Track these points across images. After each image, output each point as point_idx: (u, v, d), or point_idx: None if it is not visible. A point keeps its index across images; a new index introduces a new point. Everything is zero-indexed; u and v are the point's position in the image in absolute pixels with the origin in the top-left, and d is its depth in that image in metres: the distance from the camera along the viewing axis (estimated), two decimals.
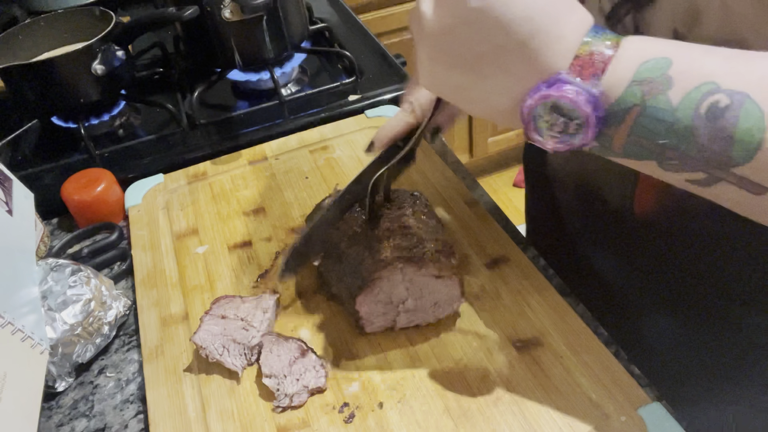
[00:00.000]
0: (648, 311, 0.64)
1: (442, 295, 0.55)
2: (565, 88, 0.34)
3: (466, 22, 0.34)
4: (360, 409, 0.51)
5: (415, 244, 0.53)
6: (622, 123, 0.35)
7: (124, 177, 0.79)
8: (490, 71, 0.36)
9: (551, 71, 0.35)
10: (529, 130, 0.37)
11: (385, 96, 0.91)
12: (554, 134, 0.36)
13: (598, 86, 0.34)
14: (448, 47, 0.36)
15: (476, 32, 0.34)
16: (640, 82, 0.34)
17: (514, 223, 0.68)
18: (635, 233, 0.59)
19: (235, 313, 0.57)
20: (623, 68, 0.34)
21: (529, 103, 0.36)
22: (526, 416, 0.49)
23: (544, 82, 0.35)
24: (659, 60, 0.34)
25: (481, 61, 0.36)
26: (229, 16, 0.80)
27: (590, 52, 0.34)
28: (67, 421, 0.55)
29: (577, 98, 0.34)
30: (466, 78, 0.37)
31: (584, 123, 0.35)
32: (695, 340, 0.61)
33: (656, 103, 0.33)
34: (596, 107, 0.34)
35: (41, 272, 0.60)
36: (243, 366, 0.55)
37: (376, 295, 0.54)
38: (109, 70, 0.84)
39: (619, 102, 0.34)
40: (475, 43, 0.35)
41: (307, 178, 0.77)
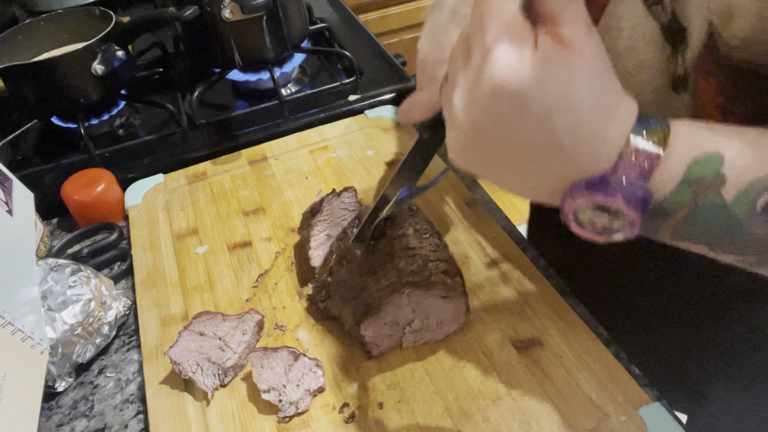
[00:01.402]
0: (652, 310, 0.64)
1: (448, 313, 0.54)
2: (611, 191, 0.32)
3: (503, 127, 0.32)
4: (360, 409, 0.51)
5: (420, 267, 0.52)
6: (669, 218, 0.33)
7: (124, 177, 0.79)
8: (528, 167, 0.34)
9: (595, 170, 0.32)
10: (570, 222, 0.35)
11: (385, 96, 0.90)
12: (597, 229, 0.35)
13: (645, 187, 0.32)
14: (480, 144, 0.34)
15: (513, 137, 0.32)
16: (690, 181, 0.32)
17: (514, 223, 0.68)
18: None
19: (213, 331, 0.56)
20: (672, 167, 0.32)
21: (570, 204, 0.34)
22: (526, 416, 0.49)
23: (587, 180, 0.33)
24: (711, 156, 0.32)
25: (518, 158, 0.33)
26: (229, 16, 0.80)
27: (636, 152, 0.32)
28: (67, 421, 0.55)
29: (623, 202, 0.32)
30: (500, 170, 0.35)
31: (629, 224, 0.33)
32: (699, 338, 0.61)
33: (708, 201, 0.32)
34: (644, 209, 0.33)
35: (41, 272, 0.60)
36: (214, 386, 0.54)
37: (381, 319, 0.53)
38: (109, 70, 0.84)
39: (668, 201, 0.33)
40: (512, 144, 0.33)
41: (307, 178, 0.77)
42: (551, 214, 0.73)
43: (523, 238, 0.66)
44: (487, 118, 0.32)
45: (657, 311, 0.64)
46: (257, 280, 0.64)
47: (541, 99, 0.30)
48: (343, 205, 0.64)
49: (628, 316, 0.67)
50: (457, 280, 0.53)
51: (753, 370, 0.60)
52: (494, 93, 0.30)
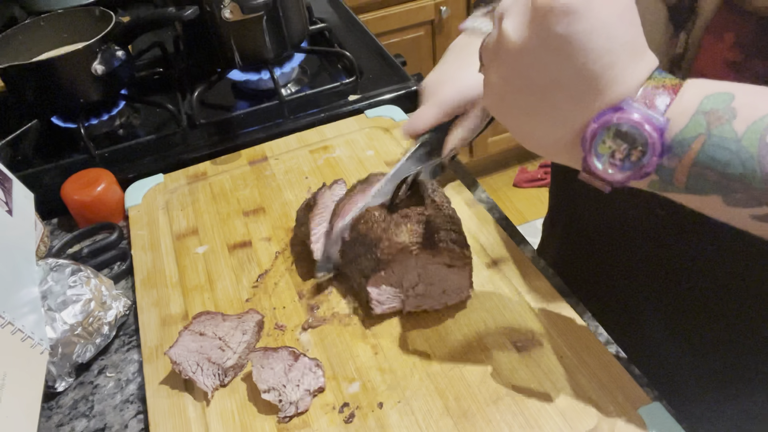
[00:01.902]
0: (654, 311, 0.64)
1: (452, 283, 0.56)
2: (632, 111, 0.35)
3: (549, 46, 0.34)
4: (360, 409, 0.51)
5: (432, 232, 0.55)
6: (686, 153, 0.35)
7: (124, 177, 0.79)
8: (560, 99, 0.36)
9: (620, 99, 0.35)
10: (589, 156, 0.37)
11: (385, 96, 0.91)
12: (615, 161, 0.36)
13: (663, 114, 0.35)
14: (525, 69, 0.36)
15: (557, 58, 0.35)
16: (705, 112, 0.34)
17: (514, 223, 0.68)
18: (652, 231, 0.59)
19: (213, 331, 0.56)
20: (688, 99, 0.35)
21: (594, 127, 0.36)
22: (526, 416, 0.49)
23: (611, 107, 0.35)
24: (722, 94, 0.34)
25: (555, 87, 0.36)
26: (229, 16, 0.80)
27: (655, 86, 0.35)
28: (67, 421, 0.55)
29: (642, 121, 0.34)
30: (534, 103, 0.37)
31: (648, 149, 0.35)
32: (700, 339, 0.61)
33: (721, 132, 0.34)
34: (662, 133, 0.35)
35: (41, 272, 0.60)
36: (214, 386, 0.54)
37: (387, 278, 0.55)
38: (109, 70, 0.84)
39: (684, 131, 0.35)
40: (553, 69, 0.35)
41: (307, 178, 0.77)
42: (566, 210, 0.73)
43: (523, 238, 0.66)
44: (538, 37, 0.34)
45: (663, 313, 0.64)
46: (257, 280, 0.64)
47: (588, 18, 0.33)
48: (335, 197, 0.66)
49: (629, 317, 0.67)
50: (465, 252, 0.55)
51: (758, 373, 0.60)
52: (548, 9, 0.33)
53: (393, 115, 0.86)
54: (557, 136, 0.38)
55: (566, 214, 0.76)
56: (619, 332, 0.58)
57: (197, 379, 0.53)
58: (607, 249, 0.68)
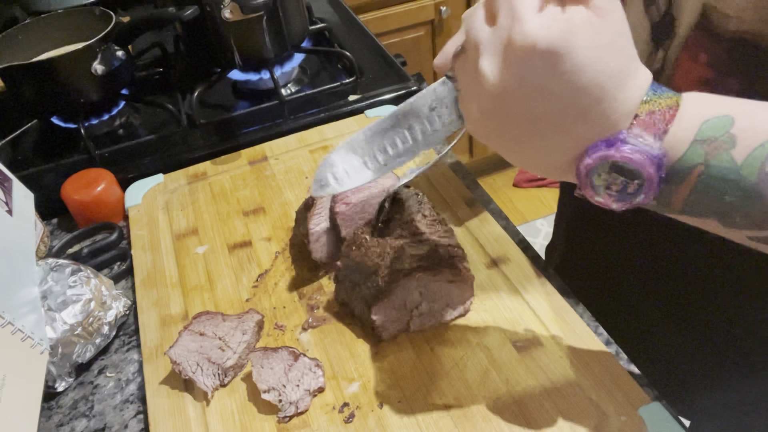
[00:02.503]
0: (658, 314, 0.64)
1: (454, 297, 0.56)
2: (627, 148, 0.33)
3: (532, 88, 0.33)
4: (360, 409, 0.51)
5: (429, 253, 0.54)
6: (683, 182, 0.34)
7: (124, 177, 0.79)
8: (548, 131, 0.35)
9: (612, 131, 0.34)
10: (585, 187, 0.36)
11: (385, 96, 0.90)
12: (612, 193, 0.35)
13: (659, 146, 0.33)
14: (505, 108, 0.34)
15: (540, 98, 0.33)
16: (702, 141, 0.33)
17: (514, 223, 0.68)
18: (653, 230, 0.59)
19: (213, 331, 0.56)
20: (685, 127, 0.33)
21: (588, 162, 0.34)
22: (526, 416, 0.49)
23: (604, 140, 0.34)
24: (721, 118, 0.33)
25: (540, 121, 0.34)
26: (229, 16, 0.80)
27: (651, 111, 0.33)
28: (67, 421, 0.55)
29: (639, 159, 0.33)
30: (520, 135, 0.35)
31: (645, 183, 0.34)
32: (703, 340, 0.61)
33: (720, 162, 0.32)
34: (659, 167, 0.33)
35: (41, 272, 0.60)
36: (214, 386, 0.54)
37: (391, 302, 0.54)
38: (109, 70, 0.84)
39: (682, 161, 0.33)
40: (538, 107, 0.33)
41: (307, 178, 0.77)
42: (586, 222, 0.73)
43: (523, 238, 0.66)
44: (516, 78, 0.32)
45: (661, 313, 0.64)
46: (257, 280, 0.64)
47: (571, 58, 0.31)
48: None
49: (630, 318, 0.67)
50: (464, 265, 0.55)
51: (761, 374, 0.60)
52: (527, 51, 0.31)
53: None
54: (549, 162, 0.37)
55: (571, 217, 0.76)
56: (621, 329, 0.58)
57: (197, 379, 0.53)
58: (609, 247, 0.68)
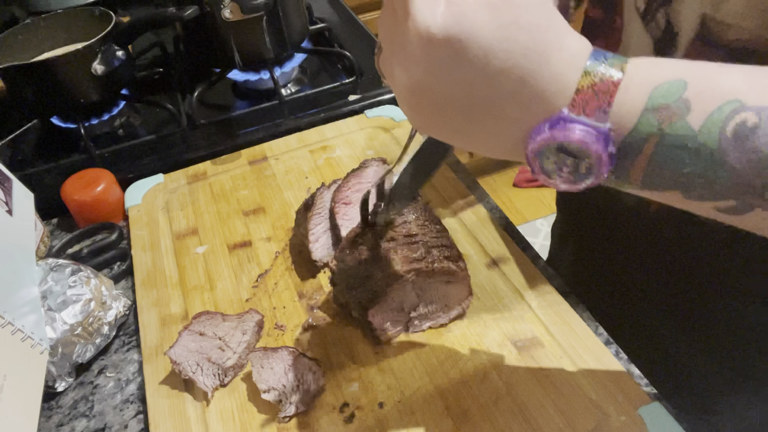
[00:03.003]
0: (663, 315, 0.64)
1: (452, 297, 0.56)
2: (570, 127, 0.31)
3: (445, 80, 0.30)
4: (360, 409, 0.51)
5: (423, 255, 0.54)
6: (638, 155, 0.31)
7: (124, 177, 0.79)
8: (483, 118, 0.32)
9: (552, 110, 0.31)
10: (537, 172, 0.34)
11: (385, 96, 0.90)
12: (564, 175, 0.33)
13: (606, 121, 0.31)
14: (428, 102, 0.32)
15: (458, 88, 0.31)
16: (654, 109, 0.30)
17: (514, 223, 0.68)
18: (650, 230, 0.59)
19: (213, 331, 0.56)
20: (633, 97, 0.30)
21: (532, 147, 0.32)
22: (526, 416, 0.49)
23: (546, 121, 0.31)
24: (673, 83, 0.30)
25: (469, 110, 0.32)
26: (229, 16, 0.80)
27: (592, 84, 0.31)
28: (67, 421, 0.55)
29: (584, 138, 0.30)
30: (456, 125, 0.33)
31: (596, 162, 0.31)
32: (706, 341, 0.61)
33: (675, 130, 0.30)
34: (607, 144, 0.31)
35: (41, 272, 0.60)
36: (214, 386, 0.54)
37: (388, 305, 0.54)
38: (109, 70, 0.84)
39: (633, 134, 0.31)
40: (460, 97, 0.31)
41: (307, 178, 0.77)
42: (582, 219, 0.73)
43: (523, 238, 0.66)
44: (426, 72, 0.31)
45: (662, 313, 0.64)
46: (257, 280, 0.64)
47: (474, 42, 0.29)
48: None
49: (630, 318, 0.67)
50: (459, 265, 0.55)
51: (763, 374, 0.60)
52: (425, 44, 0.29)
53: (393, 115, 0.86)
54: (497, 145, 0.34)
55: (572, 216, 0.76)
56: (625, 328, 0.58)
57: (197, 379, 0.53)
58: (610, 245, 0.68)
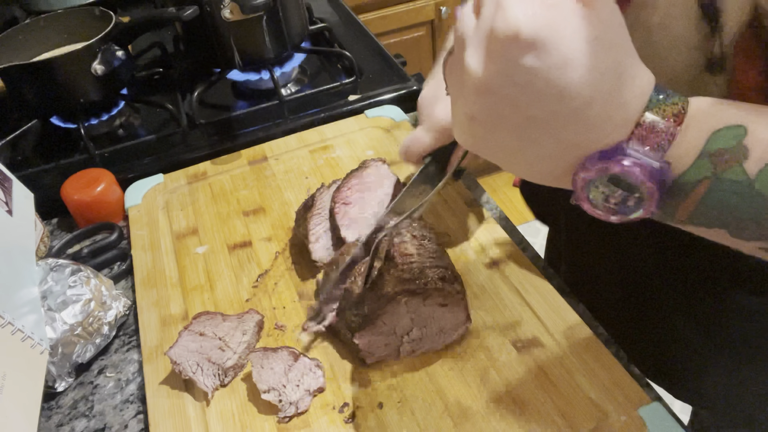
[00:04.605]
0: (671, 308, 0.64)
1: (447, 321, 0.54)
2: (627, 161, 0.30)
3: (517, 83, 0.30)
4: (360, 409, 0.51)
5: (418, 275, 0.51)
6: (689, 196, 0.31)
7: (124, 177, 0.79)
8: (539, 137, 0.32)
9: (610, 141, 0.31)
10: (581, 199, 0.33)
11: (385, 96, 0.90)
12: (610, 206, 0.32)
13: (663, 158, 0.30)
14: (492, 107, 0.31)
15: (527, 95, 0.30)
16: (711, 153, 0.30)
17: (514, 223, 0.68)
18: (654, 227, 0.59)
19: (213, 331, 0.56)
20: (691, 138, 0.30)
21: (585, 175, 0.31)
22: (526, 416, 0.49)
23: (601, 151, 0.31)
24: (732, 128, 0.30)
25: (530, 125, 0.31)
26: (229, 16, 0.80)
27: (653, 120, 0.30)
28: (67, 421, 0.55)
29: (640, 172, 0.30)
30: (510, 142, 0.33)
31: (647, 197, 0.31)
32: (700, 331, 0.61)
33: (730, 175, 0.30)
34: (661, 180, 0.30)
35: (41, 272, 0.60)
36: (214, 386, 0.54)
37: (378, 329, 0.52)
38: (109, 70, 0.84)
39: (686, 175, 0.31)
40: (524, 106, 0.30)
41: (307, 178, 0.77)
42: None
43: (523, 238, 0.66)
44: (499, 71, 0.30)
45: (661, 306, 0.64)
46: (257, 280, 0.64)
47: (558, 50, 0.28)
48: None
49: (628, 313, 0.67)
50: (455, 287, 0.52)
51: (756, 364, 0.60)
52: (510, 40, 0.28)
53: (393, 115, 0.86)
54: (544, 170, 0.34)
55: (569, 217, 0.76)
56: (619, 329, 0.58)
57: (197, 379, 0.53)
58: (611, 245, 0.68)
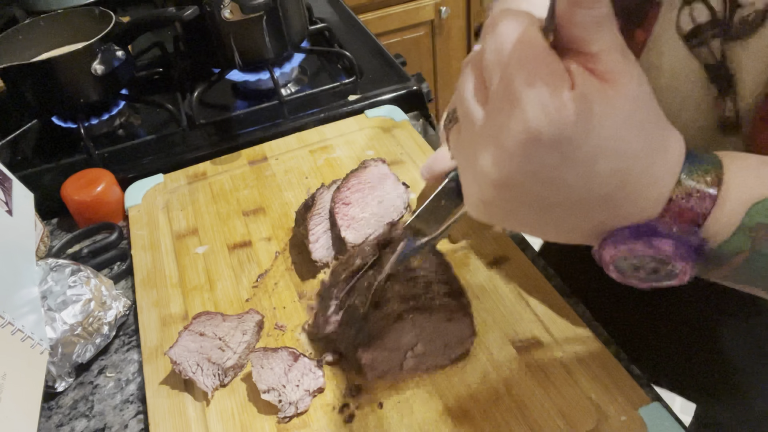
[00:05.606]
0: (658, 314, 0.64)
1: (452, 336, 0.52)
2: (659, 242, 0.28)
3: (541, 180, 0.27)
4: (360, 409, 0.51)
5: (423, 291, 0.50)
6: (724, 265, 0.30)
7: (124, 177, 0.79)
8: (564, 218, 0.29)
9: (641, 217, 0.29)
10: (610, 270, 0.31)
11: (385, 96, 0.90)
12: (641, 276, 0.31)
13: (698, 234, 0.28)
14: (511, 198, 0.29)
15: (552, 189, 0.27)
16: (750, 228, 0.28)
17: None
18: None
19: (213, 331, 0.56)
20: (729, 212, 0.28)
21: (613, 253, 0.30)
22: (526, 416, 0.49)
23: (631, 229, 0.29)
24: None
25: (554, 209, 0.29)
26: (229, 16, 0.80)
27: (687, 195, 0.28)
28: (67, 421, 0.55)
29: (672, 251, 0.28)
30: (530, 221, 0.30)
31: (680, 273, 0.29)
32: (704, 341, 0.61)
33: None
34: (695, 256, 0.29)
35: (41, 272, 0.60)
36: (214, 386, 0.54)
37: (382, 345, 0.51)
38: (109, 70, 0.84)
39: (722, 248, 0.29)
40: (548, 197, 0.28)
41: (307, 178, 0.77)
42: None
43: (523, 238, 0.66)
44: (523, 172, 0.27)
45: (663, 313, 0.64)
46: (257, 280, 0.64)
47: (586, 146, 0.26)
48: None
49: (630, 317, 0.67)
50: (461, 301, 0.51)
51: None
52: (532, 143, 0.26)
53: (393, 115, 0.86)
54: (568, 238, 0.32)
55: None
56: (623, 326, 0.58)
57: (197, 379, 0.53)
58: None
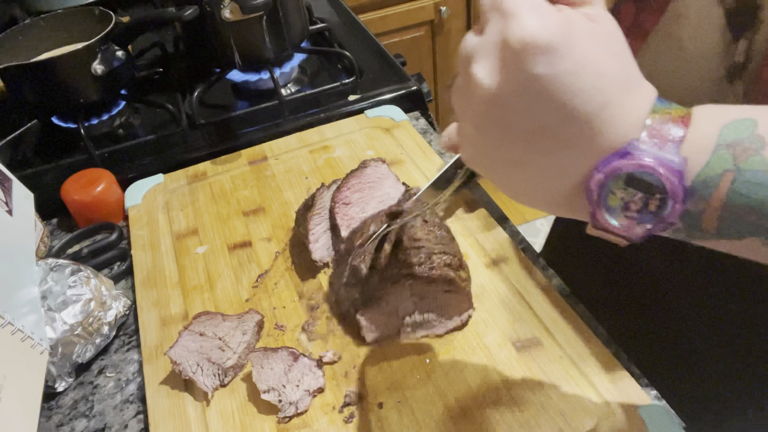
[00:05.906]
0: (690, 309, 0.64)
1: (451, 307, 0.54)
2: (643, 156, 0.30)
3: (529, 90, 0.29)
4: (360, 409, 0.51)
5: (424, 260, 0.52)
6: (712, 194, 0.30)
7: (124, 177, 0.79)
8: (551, 146, 0.31)
9: (623, 141, 0.30)
10: (599, 212, 0.32)
11: (385, 96, 0.90)
12: (630, 214, 0.31)
13: (678, 154, 0.29)
14: (502, 117, 0.31)
15: (539, 102, 0.30)
16: (727, 144, 0.29)
17: (514, 223, 0.68)
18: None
19: (213, 331, 0.56)
20: (704, 132, 0.30)
21: (599, 177, 0.31)
22: (526, 416, 0.49)
23: (615, 153, 0.30)
24: (742, 121, 0.30)
25: (541, 134, 0.31)
26: (228, 16, 0.80)
27: (662, 119, 0.30)
28: (67, 421, 0.55)
29: (656, 165, 0.29)
30: (520, 154, 0.32)
31: (668, 196, 0.30)
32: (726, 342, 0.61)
33: (752, 165, 0.29)
34: (680, 176, 0.29)
35: (41, 272, 0.60)
36: (214, 386, 0.54)
37: (381, 308, 0.53)
38: (109, 70, 0.84)
39: (707, 170, 0.29)
40: (536, 115, 0.30)
41: (307, 178, 0.77)
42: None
43: (523, 238, 0.66)
44: (515, 80, 0.29)
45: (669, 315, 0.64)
46: (257, 280, 0.64)
47: (572, 55, 0.29)
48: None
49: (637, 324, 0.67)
50: (460, 274, 0.53)
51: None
52: (526, 47, 0.28)
53: (393, 115, 0.86)
54: (554, 188, 0.33)
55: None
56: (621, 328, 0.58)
57: (197, 379, 0.53)
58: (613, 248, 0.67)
